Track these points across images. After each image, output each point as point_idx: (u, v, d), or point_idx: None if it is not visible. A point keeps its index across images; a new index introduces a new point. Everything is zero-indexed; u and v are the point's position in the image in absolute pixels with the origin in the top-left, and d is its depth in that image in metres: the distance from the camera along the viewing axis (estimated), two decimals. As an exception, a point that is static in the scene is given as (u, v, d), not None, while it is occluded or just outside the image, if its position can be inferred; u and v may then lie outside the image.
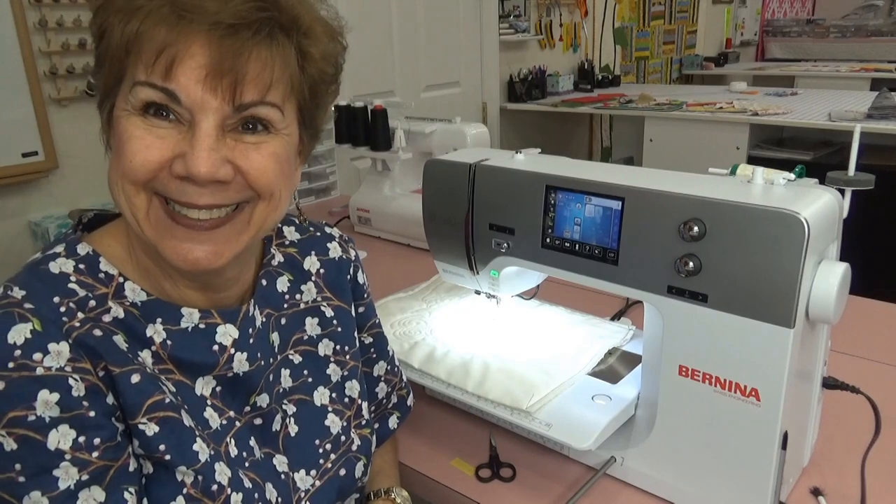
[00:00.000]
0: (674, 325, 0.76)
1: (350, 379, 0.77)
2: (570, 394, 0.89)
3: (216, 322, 0.64)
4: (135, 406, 0.57)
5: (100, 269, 0.60)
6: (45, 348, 0.52)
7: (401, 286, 1.24)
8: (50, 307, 0.55)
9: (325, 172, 2.24)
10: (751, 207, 0.68)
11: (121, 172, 0.57)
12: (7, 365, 0.51)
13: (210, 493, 0.59)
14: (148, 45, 0.54)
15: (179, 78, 0.54)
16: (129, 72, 0.56)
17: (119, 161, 0.57)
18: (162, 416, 0.58)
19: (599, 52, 4.28)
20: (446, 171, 0.96)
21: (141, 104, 0.56)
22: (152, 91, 0.55)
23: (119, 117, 0.57)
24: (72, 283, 0.58)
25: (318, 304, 0.76)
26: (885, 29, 5.27)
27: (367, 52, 2.84)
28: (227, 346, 0.64)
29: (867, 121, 2.72)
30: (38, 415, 0.51)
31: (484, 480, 0.87)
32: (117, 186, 0.58)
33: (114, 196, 0.59)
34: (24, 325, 0.52)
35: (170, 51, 0.54)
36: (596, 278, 0.83)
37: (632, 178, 0.80)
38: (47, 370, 0.52)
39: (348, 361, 0.77)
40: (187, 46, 0.54)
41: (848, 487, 0.81)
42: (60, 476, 0.52)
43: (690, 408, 0.77)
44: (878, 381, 0.89)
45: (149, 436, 0.57)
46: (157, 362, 0.61)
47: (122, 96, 0.57)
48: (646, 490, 0.83)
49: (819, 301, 0.70)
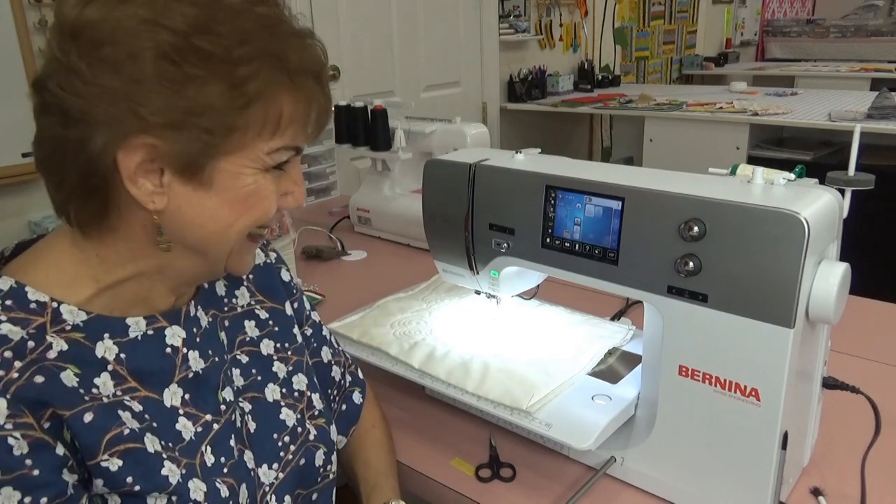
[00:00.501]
0: (674, 325, 0.76)
1: (296, 373, 0.79)
2: (570, 394, 0.89)
3: (163, 325, 0.65)
4: (93, 445, 0.56)
5: (28, 300, 0.58)
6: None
7: (401, 286, 1.24)
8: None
9: (325, 172, 2.24)
10: (751, 207, 0.68)
11: (245, 221, 0.62)
12: None
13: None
14: (292, 112, 0.60)
15: (302, 136, 0.63)
16: (252, 132, 0.59)
17: (245, 213, 0.61)
18: (123, 448, 0.57)
19: (599, 52, 4.28)
20: (446, 171, 0.96)
21: (275, 164, 0.61)
22: (293, 151, 0.62)
23: (238, 173, 0.60)
24: (4, 324, 0.55)
25: (253, 307, 0.79)
26: (885, 29, 5.27)
27: (367, 52, 2.84)
28: (178, 347, 0.66)
29: (867, 121, 2.72)
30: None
31: (484, 480, 0.87)
32: (228, 230, 0.61)
33: (201, 236, 0.61)
34: None
35: (309, 113, 0.62)
36: (596, 278, 0.83)
37: (632, 178, 0.80)
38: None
39: (291, 357, 0.79)
40: (318, 102, 0.62)
41: (848, 487, 0.81)
42: None
43: (690, 408, 0.77)
44: (878, 381, 0.89)
45: (113, 471, 0.56)
46: (118, 383, 0.60)
47: (243, 155, 0.59)
48: (646, 490, 0.83)
49: (819, 301, 0.70)
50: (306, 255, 1.64)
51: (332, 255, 1.64)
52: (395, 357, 0.99)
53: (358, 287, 1.48)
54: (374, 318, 1.11)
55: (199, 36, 0.54)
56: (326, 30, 2.61)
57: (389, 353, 0.99)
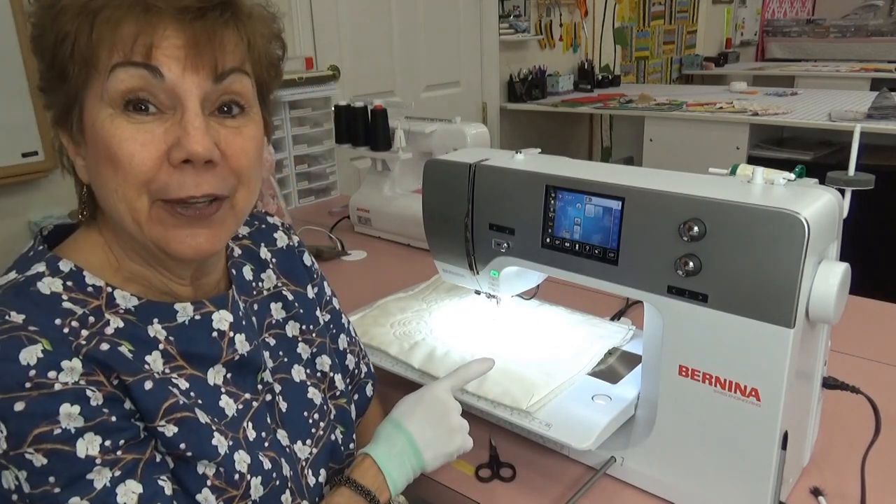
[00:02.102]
0: (674, 325, 0.76)
1: (319, 355, 0.80)
2: (570, 394, 0.89)
3: (210, 310, 0.66)
4: (152, 411, 0.59)
5: (86, 283, 0.61)
6: (58, 366, 0.54)
7: (401, 286, 1.24)
8: (54, 329, 0.55)
9: (325, 172, 2.24)
10: (751, 207, 0.68)
11: (120, 178, 0.57)
12: (24, 385, 0.52)
13: (233, 482, 0.62)
14: (122, 35, 0.55)
15: (160, 58, 0.56)
16: (102, 66, 0.56)
17: (114, 167, 0.57)
18: (179, 416, 0.60)
19: (599, 52, 4.28)
20: (446, 171, 0.96)
21: (121, 96, 0.56)
22: (134, 70, 0.55)
23: (98, 123, 0.57)
24: (66, 302, 0.58)
25: (280, 289, 0.79)
26: (885, 29, 5.27)
27: (367, 52, 2.84)
28: (225, 331, 0.67)
29: (867, 121, 2.72)
30: (63, 427, 0.53)
31: (484, 480, 0.87)
32: (115, 194, 0.58)
33: (109, 204, 0.60)
34: (33, 346, 0.53)
35: (145, 37, 0.55)
36: (596, 278, 0.83)
37: (632, 178, 0.80)
38: (64, 385, 0.53)
39: (315, 339, 0.80)
40: (163, 30, 0.56)
41: (848, 487, 0.81)
42: (94, 478, 0.54)
43: (690, 408, 0.77)
44: (878, 381, 0.89)
45: (168, 436, 0.59)
46: (167, 361, 0.62)
47: (95, 96, 0.56)
48: (646, 490, 0.83)
49: (819, 301, 0.70)
50: (306, 255, 1.64)
51: (332, 255, 1.64)
52: (395, 357, 0.99)
53: (358, 287, 1.48)
54: (374, 318, 1.11)
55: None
56: (326, 30, 2.61)
57: (389, 353, 0.99)
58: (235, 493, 0.62)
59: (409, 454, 0.74)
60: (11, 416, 0.52)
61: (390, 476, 0.73)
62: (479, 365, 0.84)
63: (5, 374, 0.52)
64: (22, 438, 0.52)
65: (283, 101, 2.04)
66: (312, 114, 2.19)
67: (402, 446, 0.74)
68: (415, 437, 0.75)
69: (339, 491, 0.71)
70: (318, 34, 2.57)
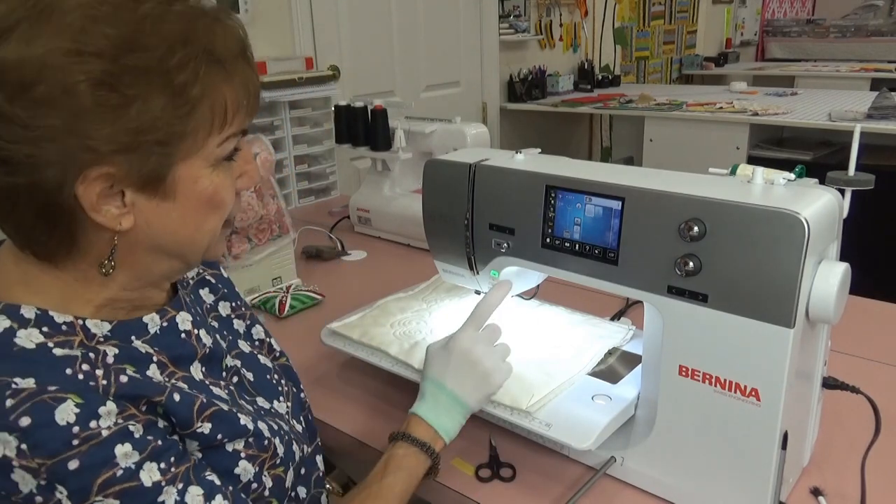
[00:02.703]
0: (674, 325, 0.76)
1: (253, 326, 0.83)
2: (570, 394, 0.89)
3: (172, 314, 0.68)
4: (188, 418, 0.62)
5: (58, 323, 0.58)
6: (96, 414, 0.54)
7: (401, 286, 1.24)
8: (73, 382, 0.55)
9: (325, 172, 2.24)
10: (751, 207, 0.68)
11: (218, 218, 0.64)
12: (72, 443, 0.52)
13: (263, 447, 0.68)
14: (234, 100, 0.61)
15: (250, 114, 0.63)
16: (202, 133, 0.59)
17: (215, 210, 0.63)
18: (209, 413, 0.63)
19: (599, 52, 4.28)
20: (446, 171, 0.96)
21: (228, 154, 0.62)
22: (238, 137, 0.62)
23: (202, 180, 0.60)
24: (55, 349, 0.56)
25: (202, 274, 0.82)
26: (885, 29, 5.27)
27: (367, 52, 2.84)
28: (190, 330, 0.69)
29: (867, 121, 2.72)
30: (124, 467, 0.55)
31: (484, 480, 0.87)
32: (209, 233, 0.64)
33: (189, 243, 0.63)
34: (64, 405, 0.53)
35: (248, 95, 0.62)
36: (596, 278, 0.83)
37: (632, 178, 0.80)
38: (109, 429, 0.54)
39: (245, 312, 0.83)
40: (251, 81, 0.62)
41: (848, 487, 0.81)
42: (166, 499, 0.57)
43: (690, 408, 0.77)
44: (878, 381, 0.89)
45: (207, 434, 0.63)
46: (163, 370, 0.64)
47: (199, 157, 0.60)
48: (646, 490, 0.83)
49: (819, 301, 0.70)
50: (306, 255, 1.64)
51: (332, 255, 1.64)
52: (395, 357, 0.99)
53: (358, 287, 1.48)
54: (374, 318, 1.11)
55: (128, 54, 0.53)
56: (326, 30, 2.61)
57: (389, 353, 0.99)
58: (266, 456, 0.68)
59: (454, 406, 0.82)
60: (68, 476, 0.52)
61: (441, 427, 0.81)
62: (496, 293, 0.86)
63: (49, 440, 0.52)
64: (87, 491, 0.53)
65: (283, 101, 2.04)
66: (312, 114, 2.19)
67: (445, 401, 0.82)
68: (455, 392, 0.82)
69: (397, 444, 0.79)
70: (318, 34, 2.57)
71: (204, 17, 0.58)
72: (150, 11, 0.54)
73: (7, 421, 0.51)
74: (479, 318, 0.86)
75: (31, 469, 0.51)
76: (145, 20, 0.54)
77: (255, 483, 0.67)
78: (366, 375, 1.10)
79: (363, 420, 1.00)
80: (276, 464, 0.70)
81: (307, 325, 1.26)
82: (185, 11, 0.57)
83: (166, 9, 0.56)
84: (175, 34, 0.55)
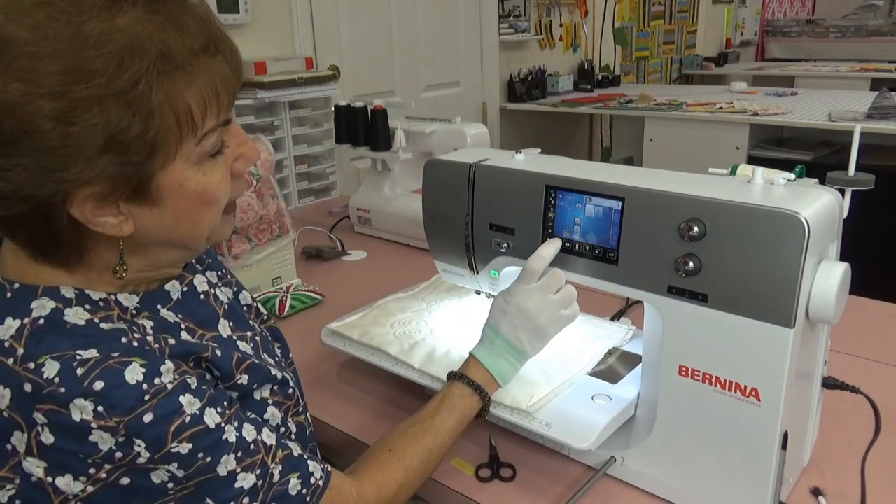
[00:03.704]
0: (674, 325, 0.76)
1: (240, 292, 0.84)
2: (570, 394, 0.89)
3: (189, 278, 0.71)
4: (230, 371, 0.67)
5: (94, 300, 0.61)
6: (159, 372, 0.59)
7: (401, 286, 1.24)
8: (131, 348, 0.59)
9: (325, 172, 2.24)
10: (751, 207, 0.68)
11: (214, 212, 0.64)
12: (144, 399, 0.57)
13: (288, 395, 0.74)
14: (200, 99, 0.59)
15: (226, 104, 0.62)
16: (173, 141, 0.57)
17: (209, 206, 0.63)
18: (245, 365, 0.69)
19: (599, 52, 4.28)
20: (446, 171, 0.96)
21: (213, 148, 0.62)
22: (220, 130, 0.62)
23: (189, 181, 0.60)
24: (102, 323, 0.60)
25: None
26: (885, 29, 5.27)
27: (367, 52, 2.84)
28: (208, 290, 0.72)
29: (867, 121, 2.72)
30: (191, 413, 0.60)
31: (484, 480, 0.87)
32: (206, 227, 0.65)
33: (183, 235, 0.64)
34: (131, 367, 0.57)
35: (230, 92, 0.61)
36: (596, 278, 0.83)
37: (632, 178, 0.80)
38: (172, 383, 0.59)
39: (231, 279, 0.84)
40: (235, 80, 0.62)
41: (848, 487, 0.81)
42: (228, 436, 0.62)
43: (690, 408, 0.77)
44: (878, 381, 0.89)
45: (245, 384, 0.69)
46: (191, 334, 0.67)
47: (178, 163, 0.59)
48: (646, 490, 0.83)
49: (819, 301, 0.70)
50: (306, 255, 1.64)
51: (332, 255, 1.64)
52: (395, 357, 0.99)
53: (358, 287, 1.48)
54: (374, 318, 1.11)
55: (76, 86, 0.51)
56: (326, 30, 2.61)
57: (389, 353, 0.99)
58: (290, 403, 0.74)
59: (510, 353, 0.85)
60: (144, 429, 0.56)
61: (497, 372, 0.84)
62: (548, 246, 0.86)
63: (123, 399, 0.56)
64: (163, 439, 0.57)
65: (283, 101, 2.04)
66: (312, 114, 2.19)
67: (501, 347, 0.85)
68: (512, 341, 0.85)
69: (454, 384, 0.84)
70: (318, 34, 2.57)
71: (152, 22, 0.55)
72: (92, 31, 0.52)
73: (81, 388, 0.54)
74: (530, 272, 0.85)
75: (110, 428, 0.55)
76: (88, 42, 0.52)
77: (282, 427, 0.73)
78: (366, 375, 1.10)
79: (363, 420, 1.00)
80: (299, 412, 0.76)
81: (307, 325, 1.26)
82: (134, 19, 0.54)
83: (110, 24, 0.53)
84: (123, 48, 0.53)
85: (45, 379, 0.54)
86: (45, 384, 0.54)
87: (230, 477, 0.62)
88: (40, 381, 0.54)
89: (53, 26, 0.51)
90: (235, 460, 0.62)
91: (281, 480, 0.66)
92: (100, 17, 0.53)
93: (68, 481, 0.56)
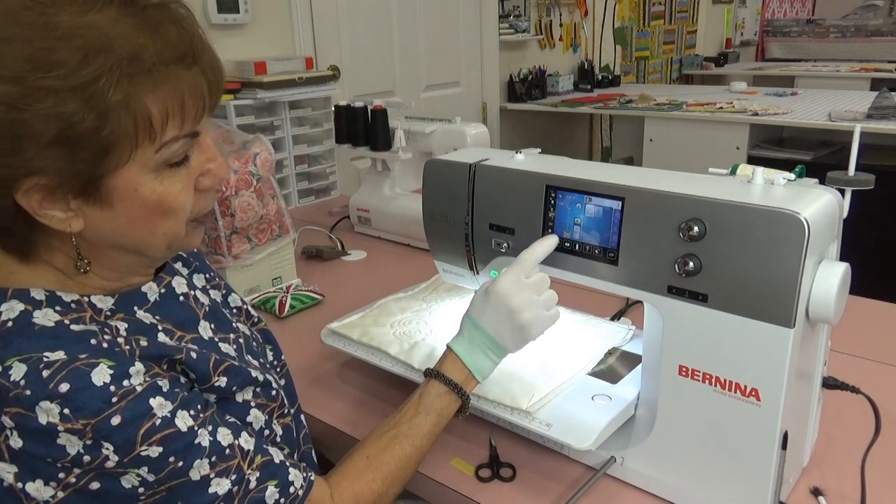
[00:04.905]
0: (674, 325, 0.76)
1: (229, 294, 0.84)
2: (570, 394, 0.89)
3: (168, 279, 0.71)
4: (206, 373, 0.66)
5: (65, 301, 0.61)
6: (128, 374, 0.58)
7: (401, 286, 1.24)
8: (100, 349, 0.58)
9: (325, 172, 2.24)
10: (751, 207, 0.68)
11: (171, 222, 0.62)
12: (112, 401, 0.56)
13: (271, 397, 0.73)
14: (188, 108, 0.59)
15: (194, 117, 0.60)
16: (126, 144, 0.56)
17: (165, 216, 0.61)
18: (224, 367, 0.67)
19: (599, 52, 4.28)
20: (446, 171, 0.96)
21: (167, 161, 0.59)
22: (184, 141, 0.60)
23: (142, 188, 0.59)
24: (73, 325, 0.59)
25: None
26: (885, 29, 5.27)
27: (367, 52, 2.84)
28: (188, 292, 0.72)
29: (867, 121, 2.72)
30: (161, 416, 0.59)
31: (484, 480, 0.87)
32: (162, 236, 0.63)
33: (139, 242, 0.62)
34: (98, 368, 0.56)
35: (198, 104, 0.60)
36: (596, 278, 0.83)
37: (632, 178, 0.80)
38: (142, 385, 0.58)
39: (220, 282, 0.84)
40: (206, 90, 0.60)
41: (848, 487, 0.81)
42: (201, 440, 0.62)
43: (690, 408, 0.77)
44: (878, 381, 0.89)
45: (223, 387, 0.67)
46: (170, 336, 0.67)
47: (131, 168, 0.57)
48: (646, 490, 0.83)
49: (819, 301, 0.70)
50: (306, 255, 1.64)
51: (332, 255, 1.64)
52: (395, 357, 0.99)
53: (358, 287, 1.48)
54: (374, 318, 1.11)
55: (36, 73, 0.51)
56: (326, 30, 2.61)
57: (389, 353, 0.99)
58: (275, 405, 0.74)
59: (490, 348, 0.82)
60: (112, 431, 0.56)
61: (475, 368, 0.82)
62: (543, 241, 0.84)
63: (89, 401, 0.55)
64: (132, 442, 0.57)
65: (283, 101, 2.04)
66: (312, 114, 2.19)
67: (481, 341, 0.82)
68: (492, 335, 0.82)
69: (430, 383, 0.82)
70: (318, 34, 2.57)
71: (123, 24, 0.54)
72: (62, 23, 0.52)
73: (47, 390, 0.54)
74: (523, 265, 0.82)
75: (77, 431, 0.54)
76: (56, 33, 0.52)
77: (266, 430, 0.72)
78: (366, 375, 1.10)
79: (363, 420, 1.00)
80: (284, 413, 0.75)
81: (307, 325, 1.26)
82: (108, 18, 0.54)
83: (82, 20, 0.53)
84: (90, 43, 0.52)
85: (11, 381, 0.54)
86: (11, 387, 0.53)
87: (203, 482, 0.61)
88: (7, 384, 0.54)
89: (26, 14, 0.52)
90: (209, 465, 0.62)
91: (258, 487, 0.65)
92: (74, 11, 0.53)
93: (38, 486, 0.56)
